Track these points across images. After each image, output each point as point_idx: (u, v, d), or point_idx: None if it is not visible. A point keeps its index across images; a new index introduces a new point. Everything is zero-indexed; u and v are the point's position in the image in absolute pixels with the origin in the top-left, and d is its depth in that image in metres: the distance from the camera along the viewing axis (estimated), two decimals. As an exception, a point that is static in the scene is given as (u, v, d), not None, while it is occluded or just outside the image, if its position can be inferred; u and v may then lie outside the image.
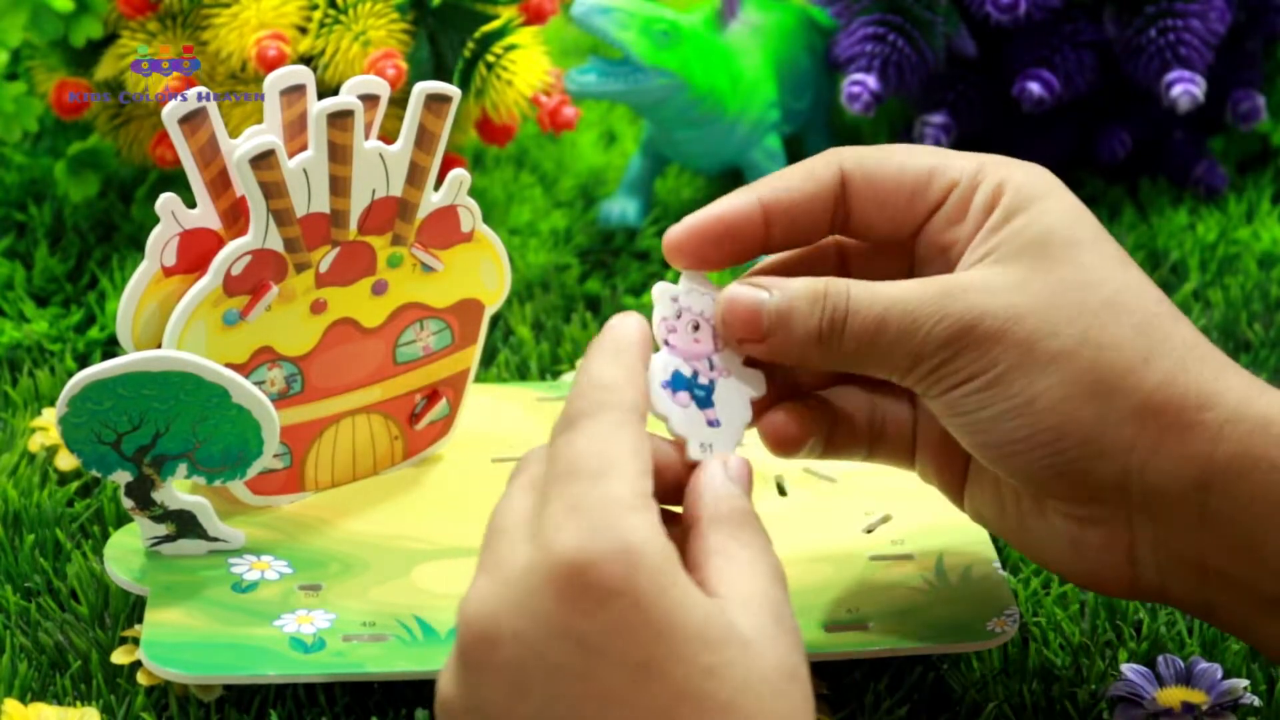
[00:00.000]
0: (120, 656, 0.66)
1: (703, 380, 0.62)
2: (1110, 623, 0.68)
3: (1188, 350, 0.59)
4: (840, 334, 0.60)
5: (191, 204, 0.68)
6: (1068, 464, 0.59)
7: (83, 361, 0.84)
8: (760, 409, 0.63)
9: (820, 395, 0.64)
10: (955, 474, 0.64)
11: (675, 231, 0.61)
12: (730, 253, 0.62)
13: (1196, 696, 0.64)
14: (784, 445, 0.63)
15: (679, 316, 0.62)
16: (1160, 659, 0.65)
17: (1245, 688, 0.64)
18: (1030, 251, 0.59)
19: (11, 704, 0.63)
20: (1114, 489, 0.59)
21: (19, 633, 0.68)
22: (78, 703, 0.65)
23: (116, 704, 0.64)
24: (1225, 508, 0.58)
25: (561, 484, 0.54)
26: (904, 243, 0.63)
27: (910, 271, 0.63)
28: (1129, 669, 0.65)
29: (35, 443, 0.76)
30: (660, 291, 0.62)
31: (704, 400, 0.61)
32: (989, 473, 0.62)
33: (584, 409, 0.55)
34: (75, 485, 0.75)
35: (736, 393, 0.62)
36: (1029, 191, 0.60)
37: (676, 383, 0.61)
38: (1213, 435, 0.58)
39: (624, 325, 0.58)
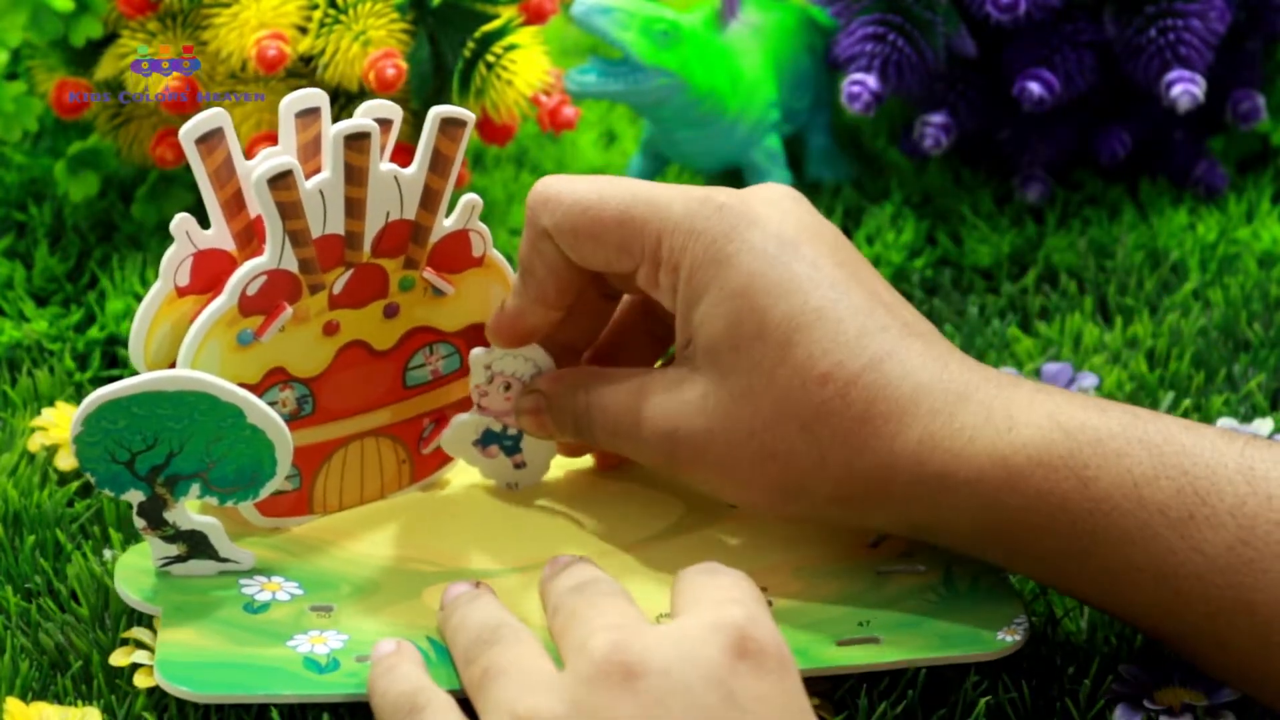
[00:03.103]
0: (120, 658, 0.66)
1: (511, 432, 0.72)
2: (1110, 622, 0.68)
3: (858, 431, 0.64)
4: (593, 437, 0.69)
5: (205, 224, 0.67)
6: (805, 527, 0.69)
7: (82, 361, 0.84)
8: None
9: None
10: None
11: (490, 334, 0.70)
12: (536, 333, 0.70)
13: (1196, 697, 0.64)
14: (610, 469, 0.74)
15: (490, 381, 0.71)
16: (1160, 659, 0.65)
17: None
18: (707, 359, 0.65)
19: (13, 703, 0.63)
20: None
21: (19, 633, 0.68)
22: (79, 703, 0.65)
23: (117, 704, 0.64)
24: (936, 540, 0.66)
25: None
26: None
27: None
28: (1129, 669, 0.65)
29: (35, 443, 0.76)
30: (475, 359, 0.70)
31: (512, 448, 0.72)
32: None
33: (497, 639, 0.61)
34: (75, 485, 0.75)
35: None
36: (698, 283, 0.65)
37: (487, 439, 0.72)
38: (904, 501, 0.64)
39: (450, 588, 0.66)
